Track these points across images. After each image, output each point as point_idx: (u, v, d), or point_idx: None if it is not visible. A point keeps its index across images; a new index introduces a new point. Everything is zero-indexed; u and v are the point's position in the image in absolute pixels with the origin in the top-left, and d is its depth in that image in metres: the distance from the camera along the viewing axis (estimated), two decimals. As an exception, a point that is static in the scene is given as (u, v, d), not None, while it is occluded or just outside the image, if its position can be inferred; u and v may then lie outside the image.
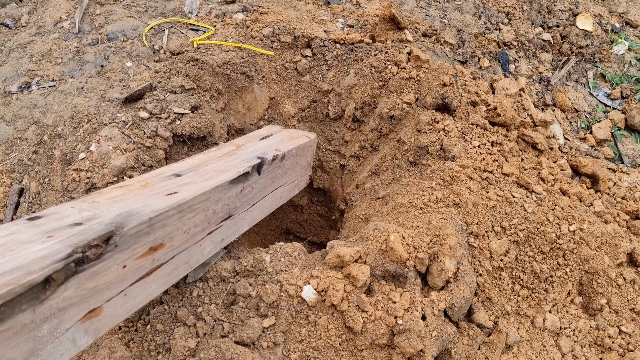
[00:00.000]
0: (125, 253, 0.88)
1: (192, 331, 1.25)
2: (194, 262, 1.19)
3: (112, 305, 0.88)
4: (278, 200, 1.73)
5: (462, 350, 1.35)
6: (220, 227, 1.26)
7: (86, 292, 0.79)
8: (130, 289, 0.93)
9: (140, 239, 0.91)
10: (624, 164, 2.28)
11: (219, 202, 1.21)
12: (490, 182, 1.68)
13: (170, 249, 1.04)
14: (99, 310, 0.85)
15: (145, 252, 0.94)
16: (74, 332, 0.79)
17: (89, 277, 0.79)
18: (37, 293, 0.68)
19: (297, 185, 1.92)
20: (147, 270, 0.97)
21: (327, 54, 2.19)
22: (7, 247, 0.71)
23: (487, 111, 1.94)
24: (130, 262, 0.90)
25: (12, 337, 0.66)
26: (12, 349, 0.67)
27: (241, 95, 2.15)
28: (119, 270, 0.87)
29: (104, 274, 0.83)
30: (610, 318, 1.55)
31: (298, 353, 1.23)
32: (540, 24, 2.88)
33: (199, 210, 1.11)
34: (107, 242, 0.81)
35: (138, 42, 2.12)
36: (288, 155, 1.69)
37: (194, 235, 1.13)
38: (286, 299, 1.27)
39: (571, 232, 1.58)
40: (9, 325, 0.65)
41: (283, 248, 1.44)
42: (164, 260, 1.02)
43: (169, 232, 1.01)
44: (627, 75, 2.75)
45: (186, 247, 1.11)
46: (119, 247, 0.85)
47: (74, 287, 0.76)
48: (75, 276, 0.75)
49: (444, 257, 1.35)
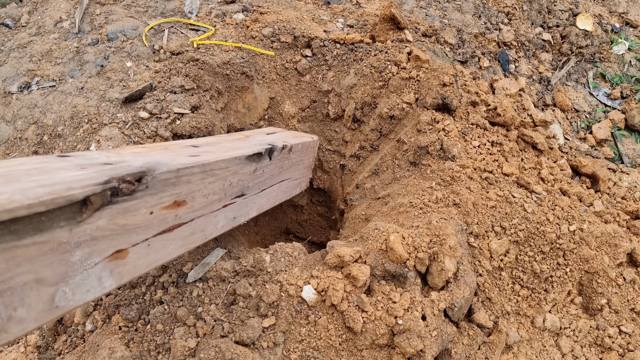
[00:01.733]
0: (154, 198, 0.90)
1: (192, 331, 1.25)
2: (208, 233, 1.20)
3: (136, 252, 0.90)
4: (282, 194, 1.74)
5: (462, 350, 1.35)
6: (234, 204, 1.27)
7: (116, 228, 0.81)
8: (154, 240, 0.94)
9: (168, 188, 0.93)
10: (624, 164, 2.28)
11: (236, 176, 1.24)
12: (490, 182, 1.68)
13: (191, 210, 1.07)
14: (125, 254, 0.86)
15: (170, 204, 0.96)
16: (101, 269, 0.81)
17: (120, 212, 0.81)
18: (75, 213, 0.70)
19: (299, 184, 1.93)
20: (170, 226, 0.99)
21: (327, 54, 2.19)
22: (42, 169, 0.72)
23: (487, 111, 1.95)
24: (157, 211, 0.92)
25: (48, 253, 0.67)
26: (46, 266, 0.67)
27: (241, 95, 2.15)
28: (146, 216, 0.89)
29: (133, 213, 0.85)
30: (610, 318, 1.55)
31: (298, 353, 1.23)
32: (540, 24, 2.88)
33: (219, 177, 1.15)
34: (140, 182, 0.83)
35: (138, 42, 2.12)
36: (295, 149, 1.72)
37: (212, 202, 1.15)
38: (286, 299, 1.27)
39: (571, 232, 1.58)
40: (47, 237, 0.66)
41: (283, 248, 1.44)
42: (184, 220, 1.05)
43: (192, 191, 1.04)
44: (627, 75, 2.75)
45: (204, 213, 1.13)
46: (149, 189, 0.87)
47: (107, 218, 0.78)
48: (109, 206, 0.77)
49: (444, 257, 1.35)
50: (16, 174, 0.65)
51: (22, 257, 0.63)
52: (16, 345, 1.50)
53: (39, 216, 0.63)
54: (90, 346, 1.28)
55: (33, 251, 0.64)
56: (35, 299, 0.67)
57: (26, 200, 0.59)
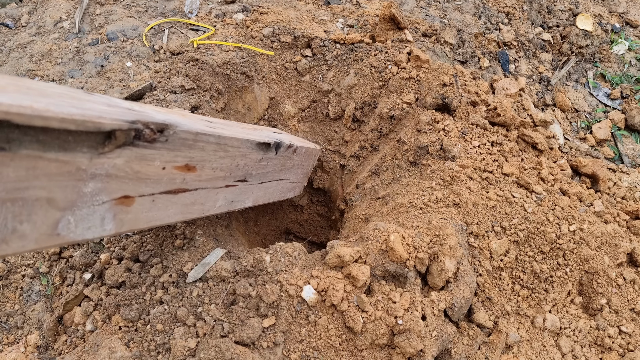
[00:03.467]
0: (169, 154, 0.91)
1: (192, 331, 1.25)
2: (206, 208, 1.20)
3: (141, 204, 0.90)
4: (277, 193, 1.74)
5: (462, 350, 1.35)
6: (235, 187, 1.28)
7: (130, 173, 0.82)
8: (159, 197, 0.95)
9: (184, 149, 0.95)
10: (624, 164, 2.28)
11: (244, 159, 1.25)
12: (490, 182, 1.68)
13: (198, 179, 1.08)
14: (131, 201, 0.87)
15: (182, 166, 0.98)
16: (106, 210, 0.81)
17: (138, 157, 0.82)
18: (98, 143, 0.70)
19: (294, 189, 1.93)
20: (176, 187, 1.00)
21: (327, 54, 2.19)
22: (73, 97, 0.72)
23: (487, 111, 1.94)
24: (169, 168, 0.94)
25: (65, 175, 0.68)
26: (60, 188, 0.68)
27: (241, 95, 2.15)
28: (158, 170, 0.90)
29: (148, 163, 0.86)
30: (610, 318, 1.55)
31: (298, 353, 1.23)
32: (540, 24, 2.88)
33: (229, 154, 1.16)
34: (162, 133, 0.85)
35: (138, 42, 2.12)
36: (299, 151, 1.73)
37: (217, 178, 1.16)
38: (286, 299, 1.27)
39: (571, 232, 1.58)
40: (69, 158, 0.66)
41: (283, 248, 1.44)
42: (189, 187, 1.06)
43: (203, 160, 1.05)
44: (627, 75, 2.75)
45: (208, 186, 1.14)
46: (168, 143, 0.89)
47: (124, 159, 0.79)
48: (130, 147, 0.78)
49: (444, 257, 1.35)
50: (49, 93, 0.65)
51: (42, 171, 0.63)
52: (16, 345, 1.50)
53: (67, 135, 0.64)
54: (90, 346, 1.28)
55: (53, 168, 0.65)
56: (42, 219, 0.67)
57: (60, 114, 0.59)
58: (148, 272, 1.41)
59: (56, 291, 1.58)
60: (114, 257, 1.49)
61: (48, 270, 1.62)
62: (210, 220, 1.70)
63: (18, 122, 0.55)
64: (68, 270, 1.57)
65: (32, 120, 0.56)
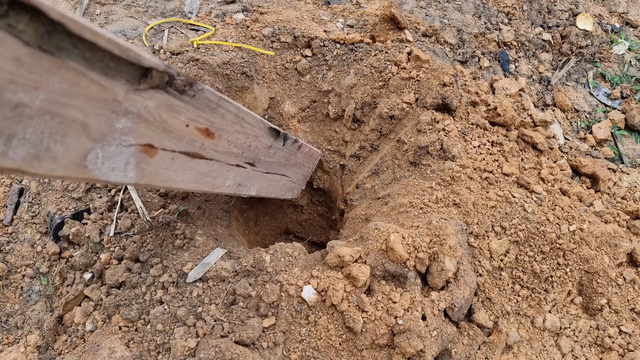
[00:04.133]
0: (194, 112, 0.94)
1: (192, 331, 1.25)
2: (216, 184, 1.21)
3: (162, 158, 0.92)
4: (279, 189, 1.75)
5: (462, 350, 1.35)
6: (245, 169, 1.30)
7: (158, 120, 0.84)
8: (178, 156, 0.98)
9: (207, 110, 0.98)
10: (624, 164, 2.28)
11: (256, 140, 1.27)
12: (490, 182, 1.68)
13: (214, 148, 1.10)
14: (154, 152, 0.89)
15: (203, 129, 1.00)
16: (131, 154, 0.82)
17: (167, 105, 0.85)
18: (135, 79, 0.73)
19: (293, 189, 1.94)
20: (194, 151, 1.02)
21: (327, 54, 2.19)
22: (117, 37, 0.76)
23: (487, 111, 1.94)
24: (191, 126, 0.96)
25: (102, 102, 0.69)
26: (96, 115, 0.69)
27: (241, 95, 2.15)
28: (182, 126, 0.93)
29: (175, 115, 0.88)
30: (610, 318, 1.55)
31: (298, 353, 1.23)
32: (540, 24, 2.88)
33: (244, 131, 1.18)
34: (191, 87, 0.88)
35: (138, 42, 2.12)
36: (303, 149, 1.74)
37: (230, 154, 1.19)
38: (286, 299, 1.27)
39: (571, 232, 1.58)
40: (108, 84, 0.68)
41: (283, 248, 1.44)
42: (206, 154, 1.08)
43: (222, 128, 1.07)
44: (627, 75, 2.75)
45: (221, 160, 1.16)
46: (194, 99, 0.91)
47: (156, 102, 0.81)
48: (162, 92, 0.81)
49: (444, 257, 1.35)
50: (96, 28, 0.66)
51: (83, 91, 0.65)
52: (16, 345, 1.50)
53: (110, 60, 0.66)
54: (90, 346, 1.28)
55: (93, 90, 0.66)
56: (73, 144, 0.68)
57: (107, 35, 0.63)
58: (148, 272, 1.41)
59: (56, 291, 1.58)
60: (114, 257, 1.49)
61: (48, 270, 1.62)
62: (210, 220, 1.70)
63: (71, 29, 0.56)
64: (68, 270, 1.57)
65: (84, 31, 0.58)
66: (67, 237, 1.59)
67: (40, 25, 0.54)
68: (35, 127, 0.60)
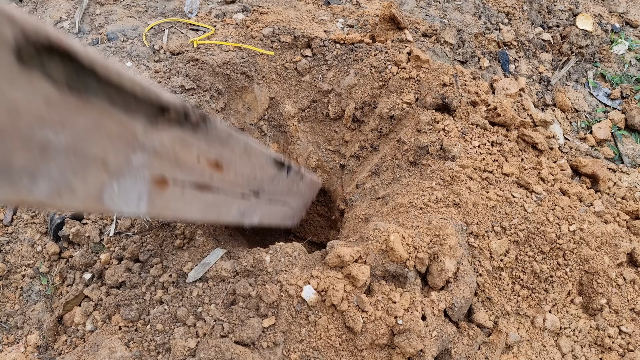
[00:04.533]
0: (205, 145, 0.97)
1: (192, 331, 1.25)
2: (222, 214, 1.23)
3: (173, 191, 0.95)
4: (279, 217, 1.77)
5: (462, 350, 1.35)
6: (249, 200, 1.32)
7: (171, 155, 0.87)
8: (187, 190, 1.00)
9: (217, 144, 1.01)
10: (624, 164, 2.28)
11: (261, 171, 1.30)
12: (490, 182, 1.68)
13: (222, 181, 1.12)
14: (165, 186, 0.91)
15: (213, 162, 1.03)
16: (144, 186, 0.84)
17: (181, 140, 0.87)
18: (154, 116, 0.76)
19: (292, 217, 1.96)
20: (202, 183, 1.05)
21: (327, 54, 2.19)
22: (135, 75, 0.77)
23: (487, 111, 1.94)
24: (202, 160, 0.99)
25: (122, 138, 0.72)
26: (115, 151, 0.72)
27: (241, 95, 2.15)
28: (194, 159, 0.95)
29: (187, 149, 0.91)
30: (610, 318, 1.55)
31: (298, 353, 1.23)
32: (540, 24, 2.88)
33: (251, 163, 1.21)
34: (204, 122, 0.91)
35: (138, 42, 2.12)
36: (305, 179, 1.77)
37: (236, 185, 1.21)
38: (286, 299, 1.27)
39: (571, 232, 1.58)
40: (128, 120, 0.71)
41: (283, 248, 1.44)
42: (214, 185, 1.10)
43: (231, 161, 1.11)
44: (627, 75, 2.75)
45: (227, 191, 1.19)
46: (207, 134, 0.94)
47: (171, 137, 0.84)
48: (177, 127, 0.84)
49: (444, 257, 1.35)
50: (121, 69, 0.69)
51: (105, 128, 0.67)
52: (16, 345, 1.50)
53: (131, 99, 0.69)
54: (90, 346, 1.28)
55: (114, 128, 0.69)
56: (92, 179, 0.70)
57: (131, 76, 0.66)
58: (148, 272, 1.41)
59: (56, 291, 1.58)
60: (114, 257, 1.49)
61: (48, 270, 1.62)
62: (210, 220, 1.70)
63: (100, 72, 0.60)
64: (68, 270, 1.57)
65: (111, 73, 0.62)
66: (67, 237, 1.59)
67: (71, 66, 0.57)
68: (59, 165, 0.62)
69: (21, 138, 0.55)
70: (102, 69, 0.61)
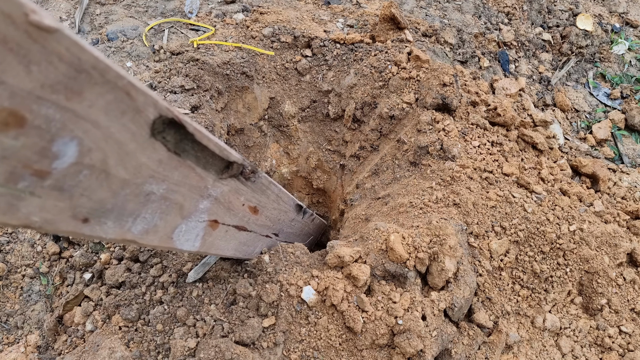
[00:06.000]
0: (250, 194, 1.07)
1: (192, 331, 1.25)
2: (249, 251, 1.33)
3: (220, 231, 1.05)
4: None
5: (462, 350, 1.35)
6: (271, 239, 1.43)
7: (225, 202, 0.99)
8: (230, 229, 1.11)
9: (258, 192, 1.12)
10: (624, 164, 2.28)
11: (284, 215, 1.42)
12: (490, 182, 1.68)
13: (256, 223, 1.23)
14: (216, 226, 1.02)
15: (252, 207, 1.14)
16: (201, 228, 0.96)
17: (235, 190, 0.99)
18: (220, 171, 0.88)
19: None
20: (242, 224, 1.16)
21: (327, 54, 2.19)
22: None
23: (487, 111, 1.94)
24: (246, 205, 1.10)
25: (197, 188, 0.84)
26: (190, 199, 0.83)
27: (241, 95, 2.15)
28: (240, 205, 1.07)
29: (237, 197, 1.03)
30: (610, 318, 1.55)
31: (298, 353, 1.23)
32: (540, 24, 2.88)
33: (278, 207, 1.32)
34: (254, 174, 1.02)
35: (138, 42, 2.12)
36: (315, 220, 1.88)
37: (265, 226, 1.32)
38: (286, 299, 1.27)
39: (571, 232, 1.58)
40: (204, 174, 0.83)
41: (283, 248, 1.43)
42: (249, 227, 1.21)
43: (265, 206, 1.21)
44: (627, 75, 2.75)
45: (258, 232, 1.29)
46: (254, 184, 1.05)
47: (229, 188, 0.95)
48: (235, 179, 0.96)
49: (444, 257, 1.35)
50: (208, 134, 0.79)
51: (189, 181, 0.80)
52: (16, 345, 1.50)
53: (209, 156, 0.81)
54: (90, 346, 1.28)
55: (194, 180, 0.81)
56: (170, 221, 0.82)
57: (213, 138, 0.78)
58: (148, 272, 1.41)
59: (56, 291, 1.58)
60: (114, 257, 1.49)
61: (48, 270, 1.62)
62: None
63: (197, 137, 0.73)
64: (68, 270, 1.57)
65: (203, 138, 0.75)
66: (67, 236, 1.58)
67: (178, 135, 0.70)
68: (153, 209, 0.75)
69: (137, 188, 0.68)
70: (198, 134, 0.74)
